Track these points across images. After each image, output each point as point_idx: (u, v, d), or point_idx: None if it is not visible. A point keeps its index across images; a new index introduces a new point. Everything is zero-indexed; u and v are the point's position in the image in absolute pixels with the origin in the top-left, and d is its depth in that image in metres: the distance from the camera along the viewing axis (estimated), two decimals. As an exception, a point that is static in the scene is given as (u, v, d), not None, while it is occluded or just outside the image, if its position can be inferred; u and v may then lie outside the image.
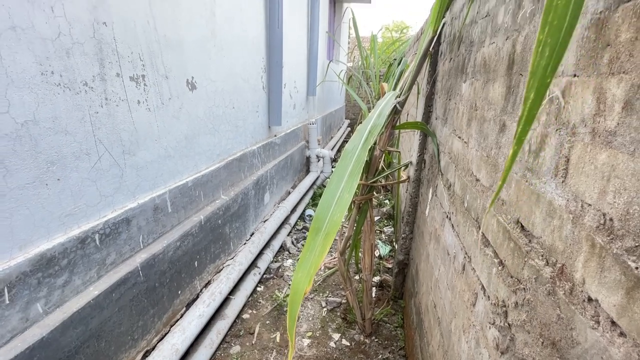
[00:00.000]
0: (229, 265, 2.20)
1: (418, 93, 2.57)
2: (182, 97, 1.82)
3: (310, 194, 4.16)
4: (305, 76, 4.53)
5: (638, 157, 0.46)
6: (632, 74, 0.48)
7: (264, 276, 2.60)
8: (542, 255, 0.68)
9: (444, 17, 1.53)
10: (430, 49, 1.76)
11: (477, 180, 1.11)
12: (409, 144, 3.44)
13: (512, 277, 0.79)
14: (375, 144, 1.89)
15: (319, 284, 2.59)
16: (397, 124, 1.92)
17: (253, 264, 2.48)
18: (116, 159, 1.41)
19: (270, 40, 2.95)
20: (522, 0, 0.89)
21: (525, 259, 0.73)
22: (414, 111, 3.17)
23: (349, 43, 9.88)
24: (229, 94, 2.36)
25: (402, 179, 2.45)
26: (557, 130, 0.67)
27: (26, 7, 1.03)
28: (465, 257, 1.14)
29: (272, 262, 2.74)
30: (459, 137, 1.40)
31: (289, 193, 3.74)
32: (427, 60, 1.99)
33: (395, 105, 1.71)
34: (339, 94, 7.84)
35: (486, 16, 1.18)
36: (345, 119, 9.99)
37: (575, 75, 0.62)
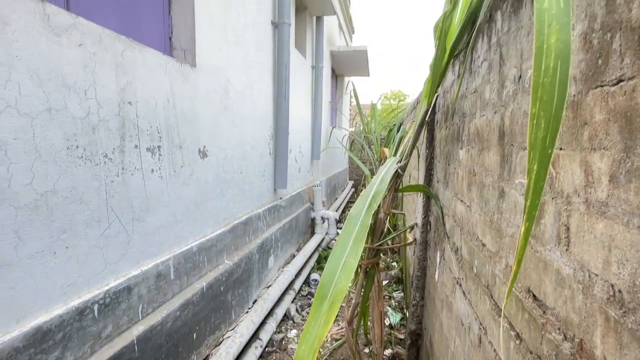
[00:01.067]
0: (229, 337, 2.06)
1: (418, 157, 2.68)
2: (193, 164, 1.92)
3: (316, 256, 4.06)
4: (310, 141, 4.77)
5: (633, 228, 0.47)
6: (612, 150, 0.52)
7: (266, 349, 2.41)
8: (559, 329, 0.65)
9: (436, 91, 1.68)
10: (427, 119, 1.89)
11: (484, 245, 1.10)
12: (412, 205, 3.46)
13: (531, 352, 0.74)
14: (379, 207, 1.92)
15: (325, 359, 2.39)
16: (400, 187, 1.97)
17: (255, 335, 2.32)
18: (125, 225, 1.44)
19: (277, 111, 3.19)
20: (504, 81, 0.99)
21: (543, 332, 0.70)
22: (415, 173, 3.26)
23: (350, 110, 10.56)
24: (238, 160, 2.48)
25: (408, 242, 2.42)
26: (553, 198, 0.69)
27: (63, 91, 1.17)
28: (480, 328, 1.08)
29: (275, 332, 2.57)
30: (461, 201, 1.42)
31: (294, 256, 3.66)
32: (424, 128, 2.12)
33: (396, 170, 1.78)
34: (342, 156, 8.14)
35: (474, 92, 1.29)
36: (349, 180, 10.20)
37: (561, 149, 0.66)
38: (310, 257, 3.84)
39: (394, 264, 4.12)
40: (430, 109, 1.77)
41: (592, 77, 0.57)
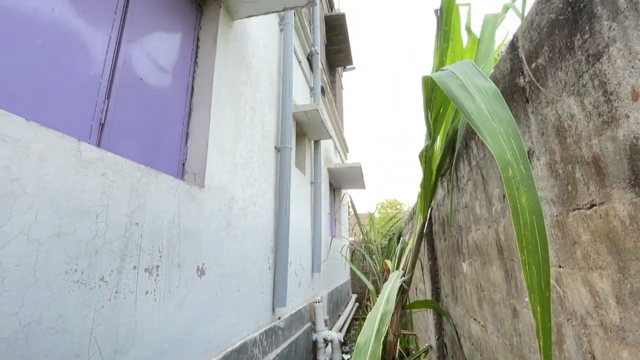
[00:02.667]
0: None
1: (422, 269, 2.61)
2: (190, 283, 1.85)
3: (318, 392, 3.46)
4: (310, 254, 4.70)
5: (660, 358, 0.44)
6: (608, 270, 0.53)
7: None
8: None
9: (430, 205, 1.78)
10: (425, 231, 1.93)
11: (509, 375, 0.97)
12: (423, 322, 3.16)
13: None
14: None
15: None
16: (407, 302, 1.86)
17: None
18: None
19: (278, 226, 3.27)
20: (491, 198, 1.07)
21: None
22: (422, 286, 3.11)
23: (349, 219, 10.78)
24: (236, 277, 2.39)
25: (424, 370, 2.12)
26: (568, 320, 0.66)
27: (76, 216, 1.23)
28: None
29: None
30: (475, 320, 1.33)
31: (293, 392, 3.12)
32: (424, 239, 2.14)
33: (401, 285, 1.71)
34: (343, 267, 7.87)
35: (465, 207, 1.37)
36: (352, 293, 9.57)
37: (560, 267, 0.67)
38: (312, 393, 3.26)
39: (412, 399, 3.47)
40: (427, 221, 1.83)
41: (567, 201, 0.63)
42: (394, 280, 1.43)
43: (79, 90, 1.48)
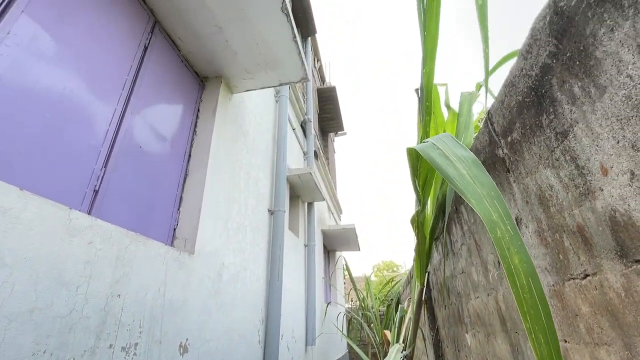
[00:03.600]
0: None
1: (424, 339, 2.43)
2: (170, 364, 1.67)
3: None
4: (303, 324, 4.38)
5: None
6: (614, 347, 0.50)
7: None
8: None
9: (426, 270, 1.73)
10: (424, 298, 1.84)
11: None
12: (431, 405, 2.83)
13: None
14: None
15: None
16: (410, 382, 1.69)
17: None
18: None
19: (270, 293, 3.10)
20: (486, 264, 1.05)
21: None
22: (425, 359, 2.85)
23: (344, 283, 10.30)
24: (222, 354, 2.18)
25: None
26: (584, 405, 0.60)
27: (55, 289, 1.16)
28: None
29: None
30: (485, 403, 1.20)
31: None
32: (423, 307, 2.03)
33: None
34: (339, 339, 7.27)
35: (462, 272, 1.34)
36: (351, 369, 8.69)
37: (566, 341, 0.64)
38: None
39: None
40: (425, 287, 1.76)
41: (561, 270, 0.62)
42: (394, 356, 1.32)
43: (77, 159, 1.52)
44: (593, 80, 0.49)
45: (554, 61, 0.57)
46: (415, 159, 0.99)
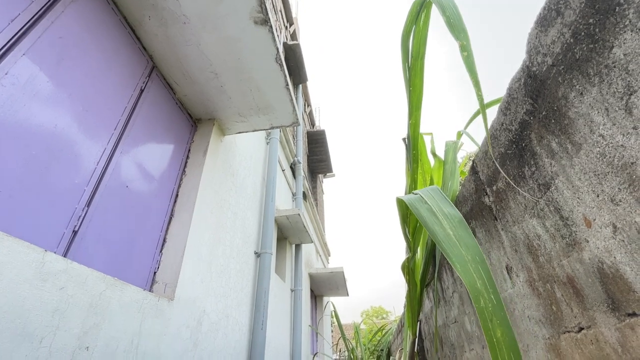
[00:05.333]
0: None
1: (417, 397, 2.26)
2: None
3: None
4: (287, 378, 4.05)
5: None
6: (618, 409, 0.48)
7: None
8: None
9: (418, 319, 1.67)
10: (416, 349, 1.76)
11: None
12: None
13: None
14: None
15: None
16: None
17: None
18: None
19: (253, 343, 2.90)
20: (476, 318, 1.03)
21: None
22: (419, 420, 2.63)
23: (332, 331, 9.75)
24: (196, 416, 1.97)
25: None
26: None
27: (15, 342, 1.05)
28: None
29: None
30: None
31: None
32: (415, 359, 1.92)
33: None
34: (327, 395, 6.71)
35: (455, 322, 1.30)
36: None
37: (567, 401, 0.61)
38: None
39: None
40: (417, 337, 1.68)
41: (555, 322, 0.61)
42: (387, 418, 1.21)
43: (59, 198, 1.47)
44: (569, 137, 0.52)
45: (531, 118, 0.62)
46: (405, 208, 1.01)
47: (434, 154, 1.39)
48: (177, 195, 2.32)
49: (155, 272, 2.00)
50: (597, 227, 0.48)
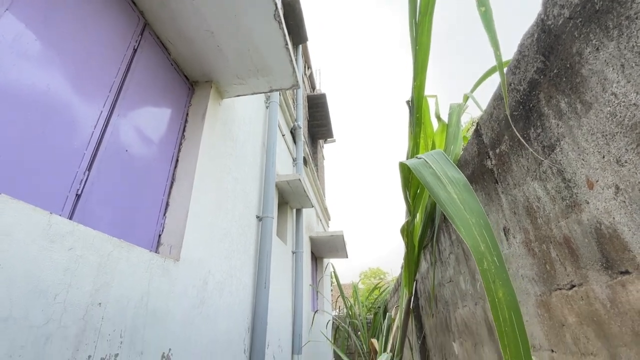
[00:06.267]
0: None
1: (411, 348, 2.43)
2: (151, 375, 1.61)
3: None
4: (290, 332, 4.32)
5: None
6: (600, 357, 0.51)
7: None
8: None
9: (415, 278, 1.74)
10: (411, 306, 1.85)
11: None
12: (417, 415, 2.82)
13: None
14: None
15: None
16: (398, 392, 1.68)
17: None
18: None
19: (256, 301, 3.05)
20: (474, 273, 1.07)
21: None
22: (412, 369, 2.85)
23: (332, 291, 10.24)
24: (206, 365, 2.12)
25: None
26: (571, 414, 0.61)
27: (31, 297, 1.11)
28: None
29: None
30: (472, 412, 1.20)
31: None
32: (410, 316, 2.04)
33: (390, 370, 1.57)
34: (326, 348, 7.19)
35: (450, 281, 1.35)
36: (337, 378, 8.58)
37: (553, 351, 0.65)
38: None
39: None
40: (412, 296, 1.77)
41: (548, 280, 0.64)
42: (382, 366, 1.31)
43: (59, 162, 1.47)
44: (579, 96, 0.50)
45: (542, 77, 0.59)
46: (407, 172, 1.00)
47: (438, 117, 1.36)
48: (177, 160, 2.32)
49: (160, 235, 2.05)
50: (599, 188, 0.48)
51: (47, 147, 1.42)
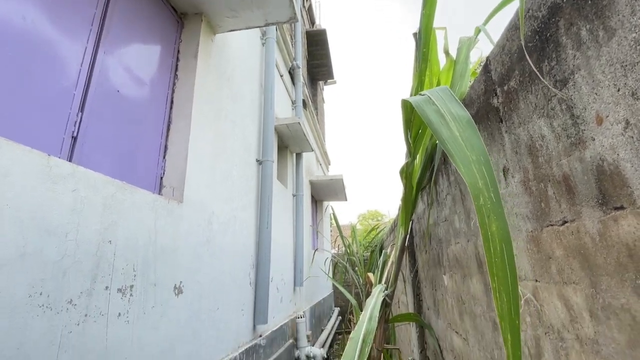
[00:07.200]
0: None
1: (404, 281, 2.62)
2: (166, 303, 1.77)
3: (301, 412, 3.35)
4: (292, 268, 4.63)
5: (632, 372, 0.46)
6: (581, 285, 0.55)
7: None
8: None
9: (411, 218, 1.80)
10: (406, 244, 1.95)
11: (491, 389, 0.98)
12: (406, 335, 3.16)
13: None
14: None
15: None
16: (390, 316, 1.85)
17: None
18: (72, 390, 1.19)
19: (260, 240, 3.21)
20: (469, 213, 1.10)
21: None
22: (404, 298, 3.12)
23: (331, 231, 10.76)
24: (215, 295, 2.32)
25: (408, 385, 2.10)
26: (546, 333, 0.67)
27: (43, 235, 1.16)
28: None
29: None
30: (457, 333, 1.34)
31: (275, 414, 3.01)
32: (405, 252, 2.16)
33: (384, 299, 1.71)
34: (326, 280, 7.79)
35: (445, 220, 1.40)
36: (335, 306, 9.47)
37: (537, 281, 0.69)
38: (294, 414, 3.16)
39: (396, 415, 3.43)
40: (408, 234, 1.85)
41: (541, 217, 0.65)
42: (377, 296, 1.42)
43: (50, 102, 1.42)
44: (603, 22, 0.46)
45: (564, 0, 0.53)
46: (410, 111, 0.97)
47: (447, 53, 1.27)
48: (172, 102, 2.24)
49: (161, 178, 2.07)
50: (609, 124, 0.46)
51: (35, 87, 1.36)
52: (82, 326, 1.27)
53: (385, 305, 1.74)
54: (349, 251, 5.50)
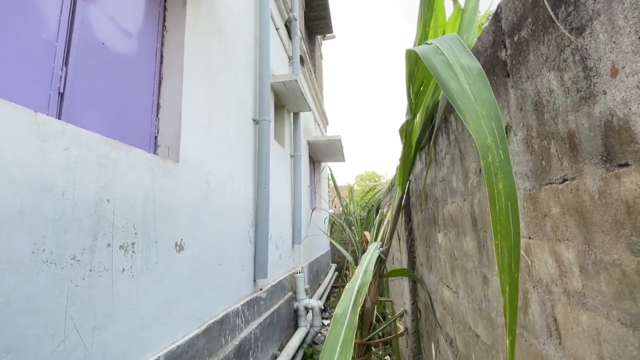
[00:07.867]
0: None
1: (399, 239, 2.70)
2: (168, 260, 1.82)
3: (300, 354, 3.64)
4: (290, 226, 4.75)
5: (614, 321, 0.48)
6: (574, 242, 0.56)
7: None
8: None
9: (408, 178, 1.81)
10: (403, 204, 1.97)
11: (477, 336, 1.05)
12: (399, 289, 3.34)
13: None
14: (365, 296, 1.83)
15: None
16: (384, 272, 1.93)
17: None
18: (83, 338, 1.27)
19: (258, 199, 3.24)
20: (467, 172, 1.09)
21: None
22: (398, 255, 3.24)
23: (329, 192, 10.90)
24: (216, 251, 2.39)
25: (399, 332, 2.26)
26: (534, 287, 0.70)
27: (39, 194, 1.15)
28: None
29: None
30: (448, 286, 1.40)
31: (276, 357, 3.27)
32: (401, 212, 2.20)
33: (379, 255, 1.77)
34: (324, 238, 8.05)
35: (442, 180, 1.40)
36: (332, 263, 9.89)
37: (530, 238, 0.70)
38: (294, 357, 3.43)
39: (387, 358, 3.74)
40: (405, 194, 1.87)
41: (540, 176, 0.65)
42: (372, 252, 1.47)
43: (30, 55, 1.34)
44: (633, -43, 0.41)
45: None
46: (414, 63, 0.91)
47: (455, 0, 1.17)
48: (162, 56, 2.12)
49: (156, 137, 2.03)
50: (624, 75, 0.44)
51: (10, 39, 1.27)
52: (88, 280, 1.31)
53: (380, 261, 1.81)
54: (346, 211, 5.62)
